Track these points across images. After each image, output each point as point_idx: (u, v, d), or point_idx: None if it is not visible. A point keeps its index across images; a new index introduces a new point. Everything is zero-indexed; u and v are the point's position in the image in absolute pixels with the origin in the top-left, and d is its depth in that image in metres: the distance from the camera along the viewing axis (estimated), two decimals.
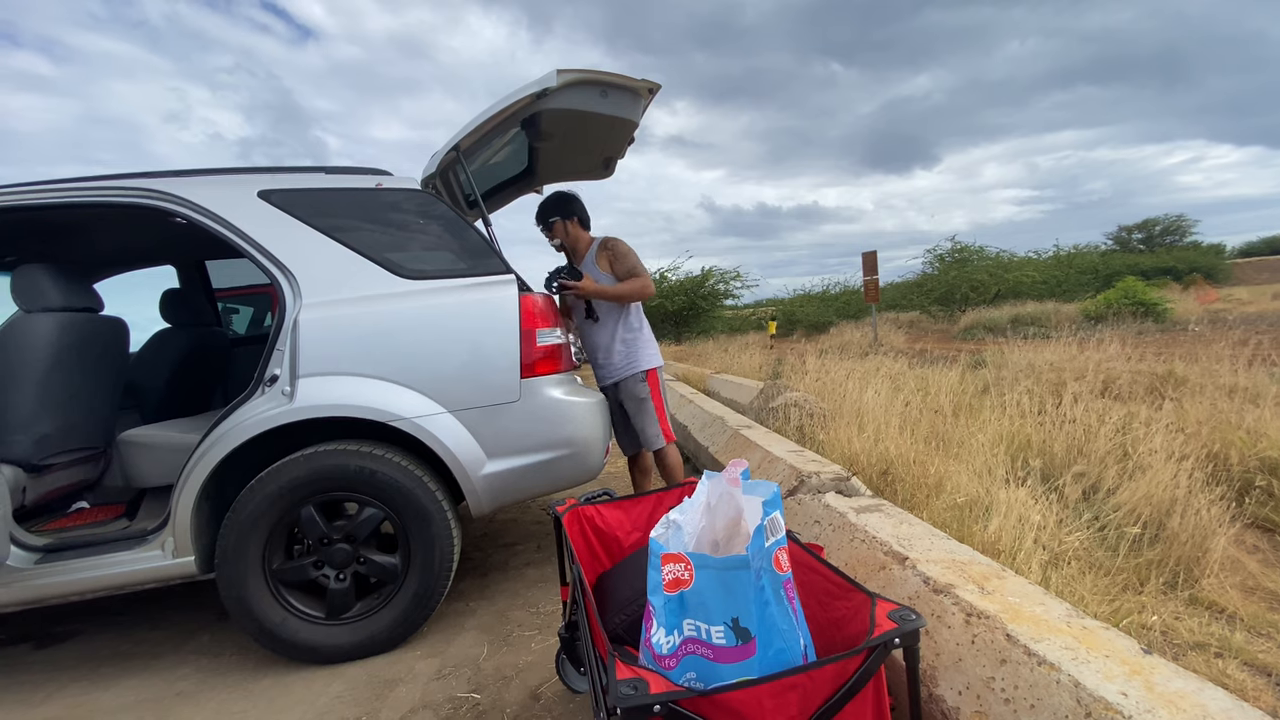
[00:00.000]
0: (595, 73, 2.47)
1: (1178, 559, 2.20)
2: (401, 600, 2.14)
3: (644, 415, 2.83)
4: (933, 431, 3.47)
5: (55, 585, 2.05)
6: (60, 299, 2.35)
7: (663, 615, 0.91)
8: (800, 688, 0.90)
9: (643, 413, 2.83)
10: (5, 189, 2.17)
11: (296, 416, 2.07)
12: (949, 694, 1.16)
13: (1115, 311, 13.00)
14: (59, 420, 2.36)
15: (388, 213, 2.38)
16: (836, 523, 1.88)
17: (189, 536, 2.07)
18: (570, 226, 2.93)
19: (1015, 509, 2.23)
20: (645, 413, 2.83)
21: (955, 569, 1.42)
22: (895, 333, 16.54)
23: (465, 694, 1.88)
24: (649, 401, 2.84)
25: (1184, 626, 1.89)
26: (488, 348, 2.25)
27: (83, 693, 2.10)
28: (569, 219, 2.93)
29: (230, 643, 2.36)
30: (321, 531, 2.10)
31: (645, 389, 2.85)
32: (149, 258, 3.54)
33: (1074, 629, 1.13)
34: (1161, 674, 0.99)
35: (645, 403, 2.84)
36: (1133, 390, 4.46)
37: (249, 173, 2.37)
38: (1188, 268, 25.35)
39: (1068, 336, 6.79)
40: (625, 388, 2.87)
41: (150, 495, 2.58)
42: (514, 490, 2.30)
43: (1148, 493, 2.45)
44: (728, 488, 1.01)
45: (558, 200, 2.97)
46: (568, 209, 2.94)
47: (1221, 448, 3.03)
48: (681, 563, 0.90)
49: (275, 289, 2.19)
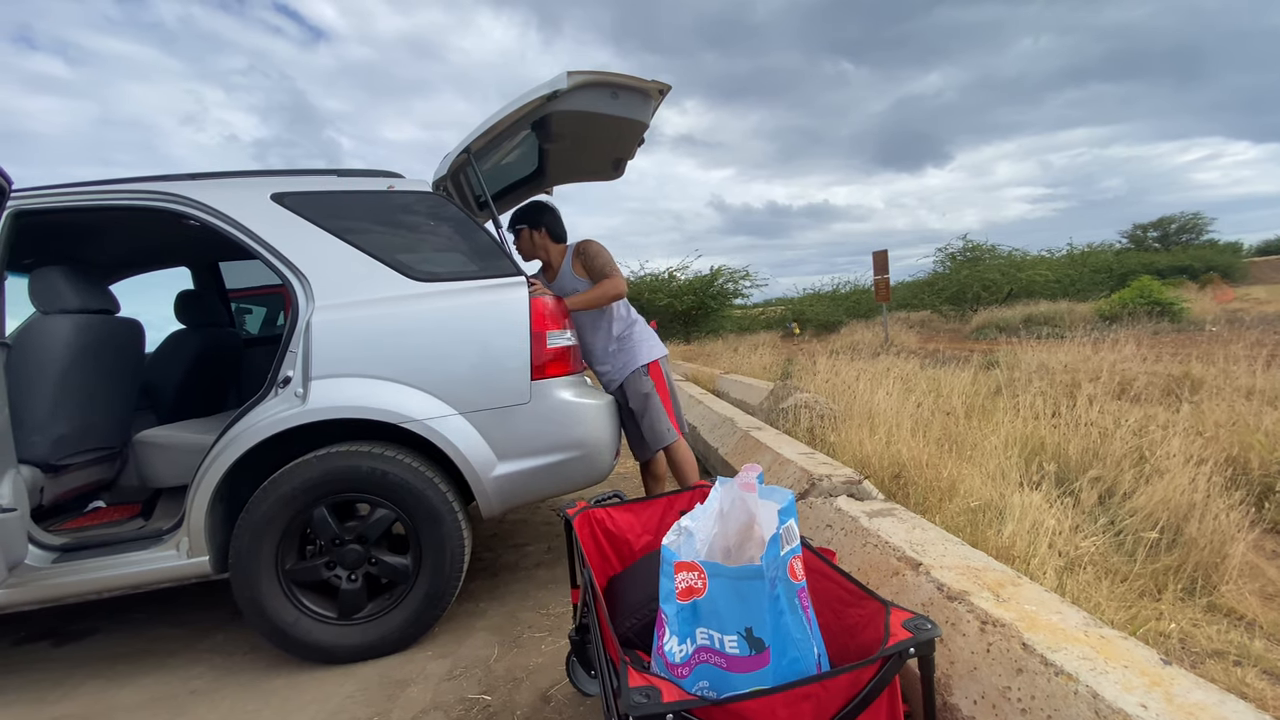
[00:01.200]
0: (606, 74, 2.46)
1: (1196, 565, 2.17)
2: (413, 601, 2.15)
3: (651, 411, 2.76)
4: (945, 434, 3.44)
5: (72, 584, 2.07)
6: (77, 301, 2.38)
7: (675, 624, 0.91)
8: (814, 697, 0.89)
9: (649, 409, 2.76)
10: (23, 192, 2.20)
11: (309, 418, 2.08)
12: (964, 703, 1.15)
13: (1130, 311, 12.84)
14: (76, 421, 2.39)
15: (399, 215, 2.39)
16: (849, 527, 1.87)
17: (203, 537, 2.09)
18: (538, 237, 2.87)
19: (1030, 513, 2.21)
20: (652, 408, 2.76)
21: (970, 575, 1.41)
22: (906, 332, 16.43)
23: (476, 695, 1.89)
24: (654, 396, 2.77)
25: (1202, 634, 1.86)
26: (498, 349, 2.25)
27: (100, 690, 2.13)
28: (536, 229, 2.87)
29: (243, 642, 2.38)
30: (334, 532, 2.11)
31: (649, 383, 2.79)
32: (164, 259, 3.58)
33: (1091, 638, 1.12)
34: (1181, 685, 0.97)
35: (650, 397, 2.77)
36: (1149, 392, 4.40)
37: (262, 175, 2.39)
38: (1204, 266, 24.99)
39: (1082, 337, 6.71)
40: (629, 387, 2.81)
41: (165, 495, 2.61)
42: (524, 492, 2.30)
43: (1165, 497, 2.41)
44: (741, 494, 1.00)
45: (528, 210, 2.93)
46: (535, 218, 2.88)
47: (1240, 451, 2.99)
48: (695, 571, 0.89)
49: (288, 291, 2.21)
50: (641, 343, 2.84)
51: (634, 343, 2.84)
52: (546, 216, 2.90)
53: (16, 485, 1.94)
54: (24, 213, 2.19)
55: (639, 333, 2.88)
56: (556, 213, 2.94)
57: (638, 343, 2.84)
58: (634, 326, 2.88)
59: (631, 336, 2.85)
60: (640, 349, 2.83)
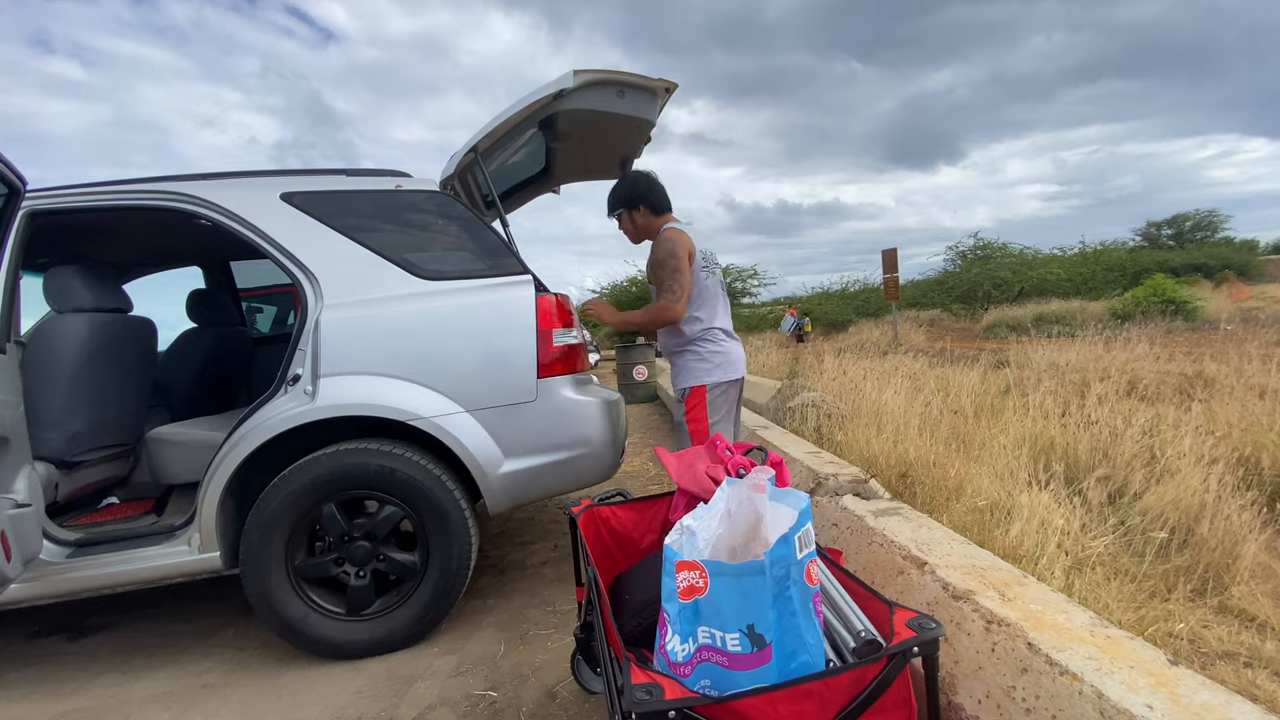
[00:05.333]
0: (612, 73, 2.46)
1: (1206, 565, 2.15)
2: (420, 597, 2.16)
3: (681, 440, 2.37)
4: (953, 433, 3.42)
5: (86, 579, 2.10)
6: (91, 299, 2.41)
7: (677, 623, 0.91)
8: (816, 695, 0.89)
9: (680, 436, 2.40)
10: (39, 192, 2.23)
11: (318, 415, 2.10)
12: (968, 702, 1.15)
13: (1144, 310, 12.70)
14: (90, 418, 2.42)
15: (407, 214, 2.40)
16: (854, 526, 1.87)
17: (215, 532, 2.11)
18: (638, 217, 2.43)
19: (1038, 513, 2.20)
20: (682, 438, 2.37)
21: (975, 575, 1.40)
22: (916, 331, 16.33)
23: (482, 691, 1.90)
24: (684, 427, 2.36)
25: (1212, 635, 1.85)
26: (504, 348, 2.26)
27: (114, 684, 2.16)
28: (634, 209, 2.42)
29: (253, 637, 2.40)
30: (342, 529, 2.13)
31: (681, 409, 2.41)
32: (176, 259, 3.62)
33: (1097, 638, 1.11)
34: (1188, 686, 0.97)
35: (681, 427, 2.39)
36: (1160, 391, 4.36)
37: (271, 175, 2.41)
38: (1219, 264, 24.65)
39: (1094, 335, 6.65)
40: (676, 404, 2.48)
41: (177, 491, 2.64)
42: (531, 489, 2.31)
43: (1176, 497, 2.40)
44: (750, 494, 1.01)
45: (619, 189, 2.47)
46: (630, 198, 2.42)
47: (1253, 451, 2.96)
48: (696, 570, 0.89)
49: (297, 290, 2.23)
50: (692, 362, 2.38)
51: (686, 359, 2.40)
52: (640, 189, 2.43)
53: (32, 481, 1.97)
54: (38, 213, 2.22)
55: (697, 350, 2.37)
56: (650, 180, 2.45)
57: (690, 361, 2.39)
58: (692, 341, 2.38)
59: (688, 351, 2.39)
60: (686, 370, 2.40)
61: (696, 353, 2.37)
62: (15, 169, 1.90)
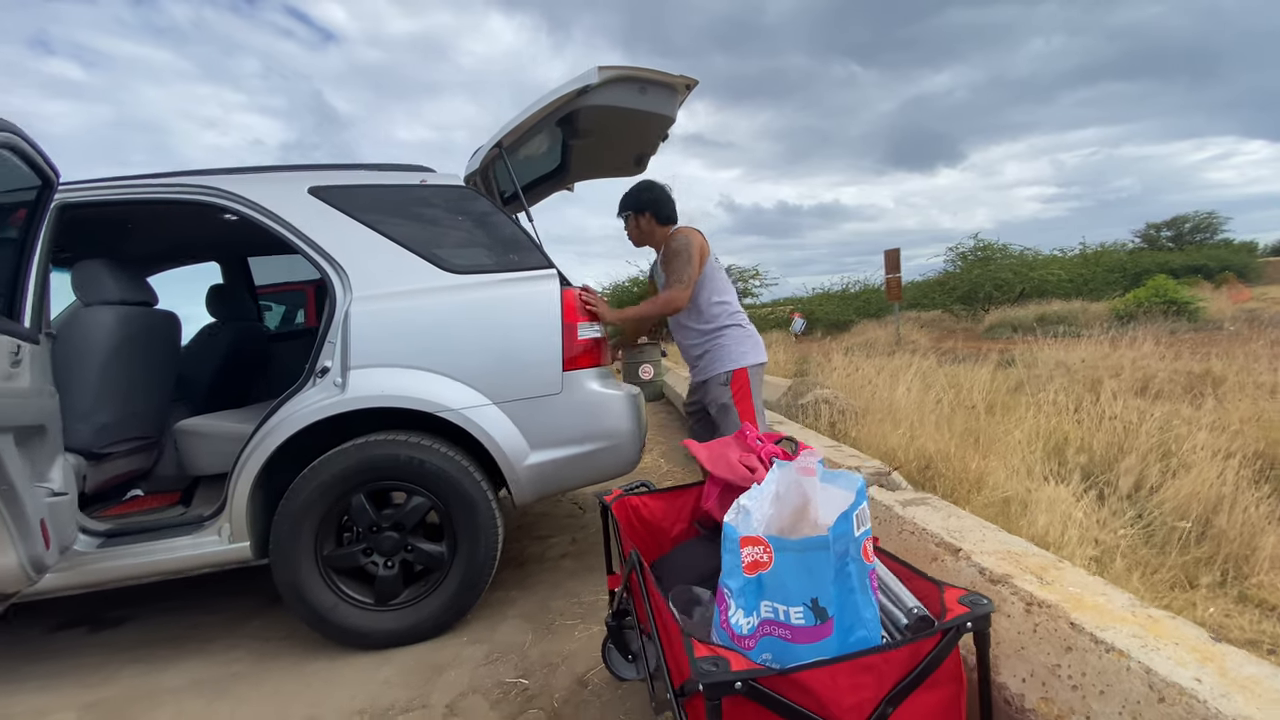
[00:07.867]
0: (635, 69, 2.49)
1: (1226, 556, 2.18)
2: (448, 587, 2.18)
3: (728, 424, 2.46)
4: (967, 428, 3.45)
5: (116, 569, 2.12)
6: (119, 293, 2.43)
7: (741, 597, 0.93)
8: (875, 668, 0.91)
9: (726, 420, 2.48)
10: (69, 185, 2.24)
11: (348, 407, 2.12)
12: (1012, 681, 1.17)
13: (1146, 310, 12.74)
14: (118, 410, 2.43)
15: (433, 208, 2.42)
16: (883, 515, 1.89)
17: (244, 523, 2.13)
18: (643, 222, 2.60)
19: (1058, 506, 2.22)
20: (729, 421, 2.46)
21: (1010, 560, 1.43)
22: (918, 331, 16.36)
23: (514, 679, 1.92)
24: (732, 409, 2.47)
25: (1235, 624, 1.87)
26: (530, 341, 2.28)
27: (141, 674, 2.17)
28: (641, 214, 2.59)
29: (279, 627, 2.42)
30: (371, 520, 2.15)
31: (727, 393, 2.50)
32: (196, 254, 3.64)
33: (1139, 618, 1.13)
34: (1234, 660, 0.99)
35: (728, 409, 2.48)
36: (1171, 389, 4.39)
37: (298, 170, 2.43)
38: (1219, 266, 24.72)
39: (1099, 335, 6.69)
40: (709, 391, 2.58)
41: (204, 483, 2.66)
42: (556, 480, 2.33)
43: (1194, 490, 2.42)
44: (798, 478, 1.03)
45: (632, 193, 2.64)
46: (638, 202, 2.60)
47: (1267, 446, 2.98)
48: (760, 545, 0.92)
49: (326, 283, 2.24)
50: (729, 346, 2.53)
51: (721, 344, 2.53)
52: (647, 197, 2.61)
53: (65, 470, 1.99)
54: (69, 205, 2.23)
55: (732, 334, 2.55)
56: (663, 192, 2.63)
57: (726, 345, 2.53)
58: (726, 327, 2.54)
59: (721, 337, 2.54)
60: (725, 353, 2.52)
61: (733, 336, 2.52)
62: (50, 161, 1.91)
